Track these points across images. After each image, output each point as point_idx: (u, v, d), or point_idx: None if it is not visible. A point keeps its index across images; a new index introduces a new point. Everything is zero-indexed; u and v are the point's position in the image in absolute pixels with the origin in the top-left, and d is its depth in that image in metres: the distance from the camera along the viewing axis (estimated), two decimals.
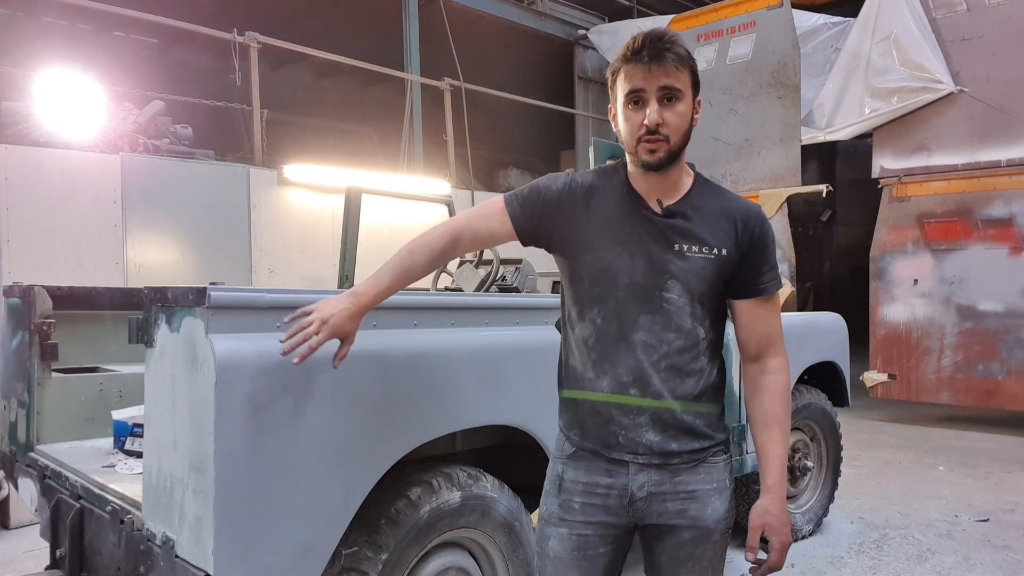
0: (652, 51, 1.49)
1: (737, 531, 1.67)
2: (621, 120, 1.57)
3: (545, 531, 1.67)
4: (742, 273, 1.60)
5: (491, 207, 1.68)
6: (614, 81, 1.58)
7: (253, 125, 6.74)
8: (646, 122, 1.51)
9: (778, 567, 1.56)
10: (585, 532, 1.62)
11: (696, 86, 1.56)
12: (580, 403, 1.64)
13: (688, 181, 1.64)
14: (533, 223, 1.65)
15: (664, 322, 1.56)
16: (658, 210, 1.59)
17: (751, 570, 1.60)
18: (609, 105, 1.63)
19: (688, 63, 1.53)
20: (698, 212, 1.59)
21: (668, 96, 1.51)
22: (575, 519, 1.62)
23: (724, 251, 1.57)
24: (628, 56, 1.52)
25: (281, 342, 1.63)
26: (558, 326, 2.01)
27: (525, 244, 1.70)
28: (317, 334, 1.59)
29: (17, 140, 5.28)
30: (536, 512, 1.82)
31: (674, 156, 1.55)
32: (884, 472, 5.72)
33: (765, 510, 1.59)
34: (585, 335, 1.61)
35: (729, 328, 1.72)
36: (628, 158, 1.63)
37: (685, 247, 1.56)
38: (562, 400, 1.70)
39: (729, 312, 1.68)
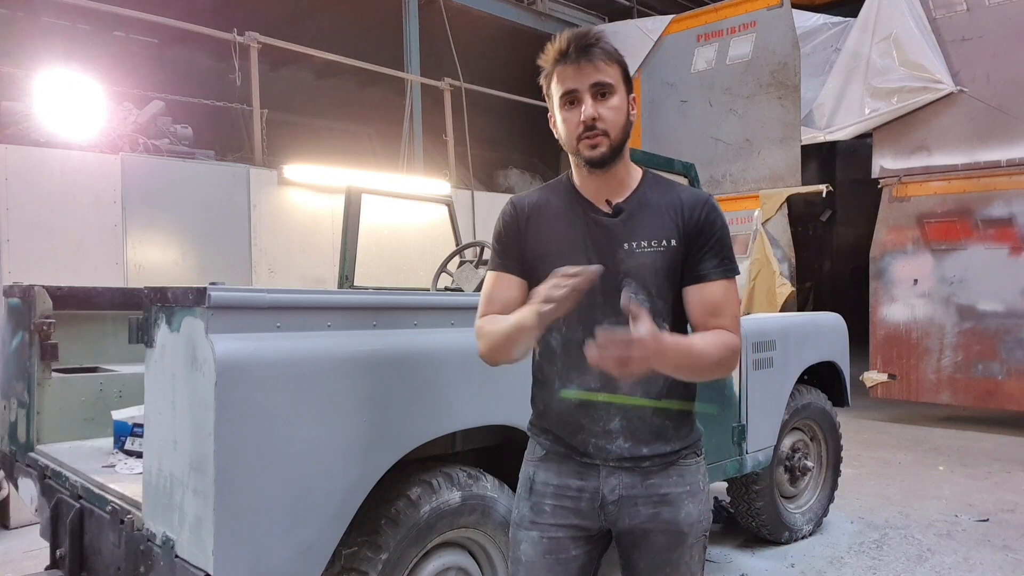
0: (578, 50, 1.51)
1: (739, 531, 1.65)
2: (559, 122, 1.58)
3: (516, 535, 1.66)
4: (688, 261, 1.58)
5: (490, 283, 1.65)
6: (548, 86, 1.59)
7: (253, 125, 6.74)
8: (582, 118, 1.52)
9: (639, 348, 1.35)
10: (556, 535, 1.61)
11: (627, 81, 1.57)
12: (550, 413, 1.63)
13: (636, 178, 1.64)
14: (515, 263, 1.63)
15: (626, 322, 1.52)
16: (607, 210, 1.59)
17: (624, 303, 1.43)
18: (548, 114, 1.63)
19: (616, 58, 1.54)
20: (646, 207, 1.60)
21: (601, 92, 1.53)
22: (546, 522, 1.61)
23: (672, 242, 1.57)
24: (557, 58, 1.54)
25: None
26: None
27: (532, 283, 1.61)
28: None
29: (17, 140, 5.28)
30: None
31: (616, 150, 1.56)
32: (884, 472, 5.72)
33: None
34: (553, 344, 1.61)
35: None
36: (572, 160, 1.63)
37: (634, 244, 1.56)
38: (534, 406, 1.70)
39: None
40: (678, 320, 1.61)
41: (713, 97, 9.35)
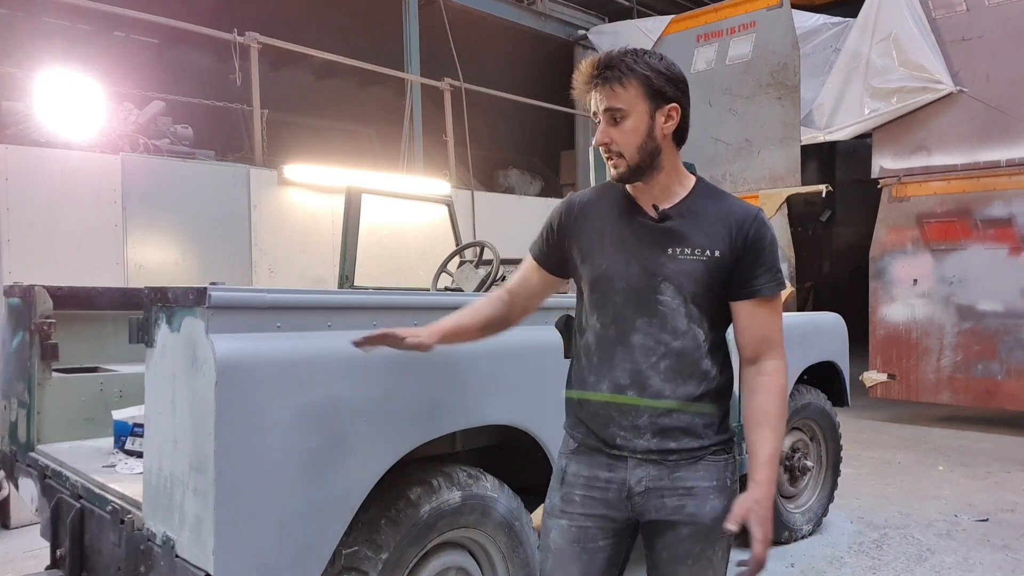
0: (595, 76, 1.60)
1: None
2: None
3: (547, 523, 1.72)
4: (737, 274, 1.62)
5: (523, 264, 1.84)
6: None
7: (253, 125, 6.74)
8: (594, 142, 1.64)
9: (763, 561, 1.52)
10: (585, 524, 1.65)
11: (654, 96, 1.59)
12: (582, 404, 1.69)
13: (687, 185, 1.68)
14: (554, 256, 1.77)
15: (660, 324, 1.60)
16: (653, 215, 1.64)
17: (738, 564, 1.57)
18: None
19: (635, 77, 1.57)
20: (693, 215, 1.63)
21: (614, 116, 1.60)
22: (575, 511, 1.67)
23: (717, 252, 1.60)
24: (585, 83, 1.63)
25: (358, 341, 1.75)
26: (558, 326, 2.02)
27: (563, 277, 1.81)
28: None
29: (17, 140, 5.27)
30: (535, 512, 1.83)
31: (636, 169, 1.62)
32: (884, 472, 5.72)
33: (754, 500, 1.56)
34: (589, 340, 1.68)
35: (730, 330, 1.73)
36: None
37: (677, 250, 1.60)
38: (567, 401, 1.76)
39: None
40: (713, 326, 1.65)
41: (713, 97, 9.34)
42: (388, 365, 2.01)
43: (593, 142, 1.66)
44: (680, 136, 1.65)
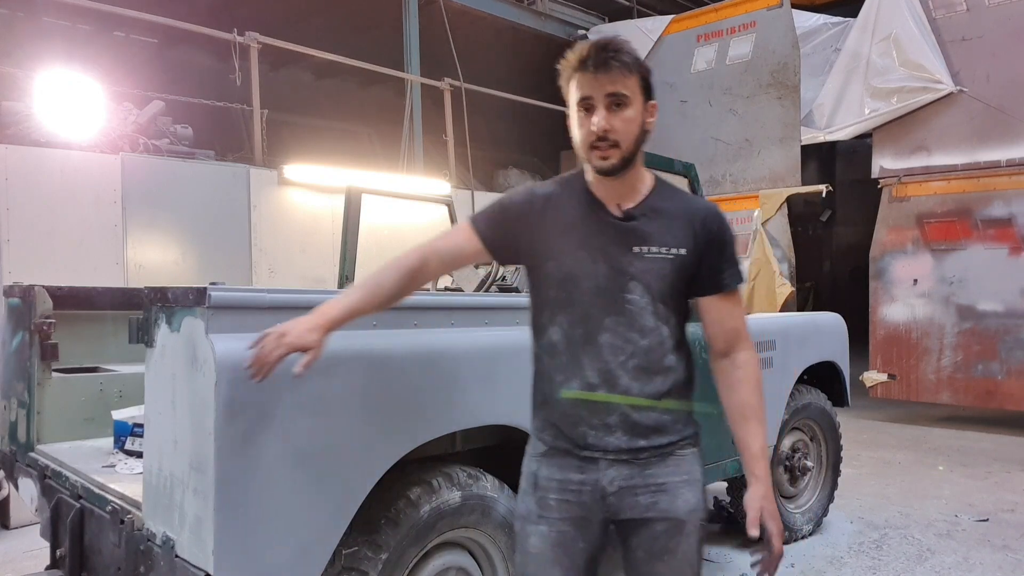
0: (598, 60, 1.53)
1: (739, 531, 1.67)
2: (574, 127, 1.61)
3: (525, 529, 1.69)
4: (703, 271, 1.64)
5: (458, 229, 1.72)
6: (567, 89, 1.61)
7: (253, 125, 6.74)
8: (593, 128, 1.55)
9: (781, 554, 1.61)
10: (563, 528, 1.65)
11: (647, 91, 1.60)
12: (550, 405, 1.67)
13: (647, 184, 1.68)
14: (499, 238, 1.69)
15: (628, 323, 1.60)
16: (618, 214, 1.63)
17: (755, 563, 1.64)
18: (568, 116, 1.65)
19: (636, 69, 1.56)
20: (657, 214, 1.64)
21: (616, 102, 1.55)
22: (552, 515, 1.65)
23: (683, 251, 1.61)
24: (577, 65, 1.56)
25: (245, 368, 1.58)
26: None
27: (498, 261, 1.78)
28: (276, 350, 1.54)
29: (17, 140, 5.27)
30: None
31: (627, 161, 1.59)
32: (884, 472, 5.72)
33: (761, 496, 1.62)
34: (554, 340, 1.65)
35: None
36: (584, 165, 1.66)
37: (644, 249, 1.60)
38: (534, 400, 1.73)
39: (695, 311, 1.71)
40: (677, 323, 1.66)
41: (713, 97, 9.34)
42: (388, 365, 2.01)
43: (586, 132, 1.56)
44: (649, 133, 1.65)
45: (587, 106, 1.56)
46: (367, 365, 1.96)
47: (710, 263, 1.64)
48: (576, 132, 1.60)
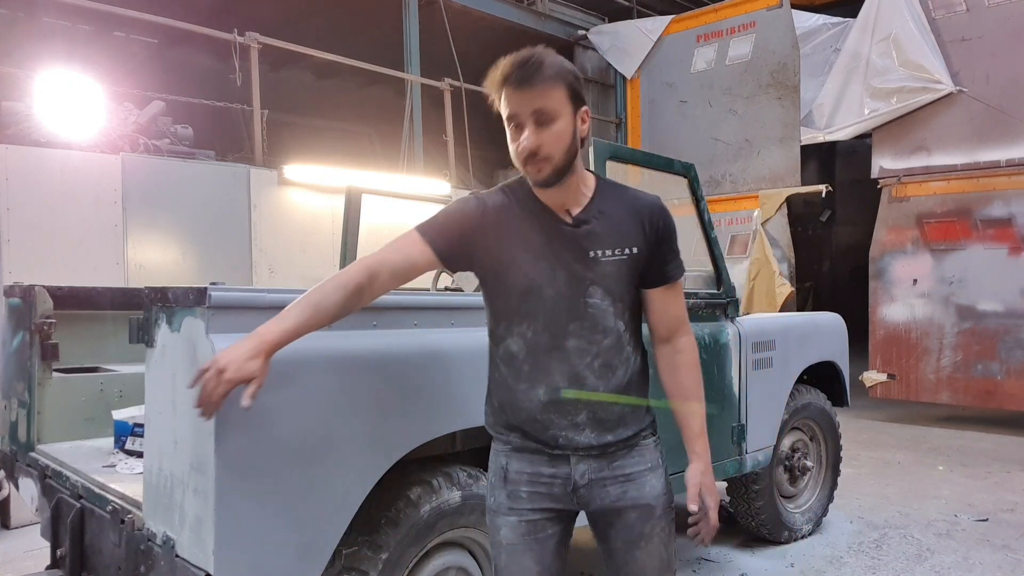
0: (520, 76, 1.52)
1: (739, 531, 1.69)
2: (509, 141, 1.61)
3: (496, 521, 1.74)
4: (652, 264, 1.69)
5: (406, 239, 1.66)
6: (497, 103, 1.60)
7: (253, 125, 6.74)
8: (522, 147, 1.56)
9: (716, 525, 1.71)
10: (533, 518, 1.71)
11: (576, 98, 1.58)
12: (517, 411, 1.69)
13: (591, 185, 1.70)
14: (453, 247, 1.66)
15: (591, 326, 1.65)
16: (569, 220, 1.65)
17: (694, 535, 1.72)
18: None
19: (561, 79, 1.55)
20: (606, 216, 1.66)
21: (542, 119, 1.54)
22: (523, 507, 1.71)
23: (635, 249, 1.66)
24: (500, 82, 1.55)
25: (194, 407, 1.51)
26: None
27: (450, 269, 1.79)
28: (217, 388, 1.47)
29: (17, 140, 5.27)
30: None
31: (561, 171, 1.59)
32: (883, 472, 5.72)
33: (701, 473, 1.71)
34: (515, 349, 1.67)
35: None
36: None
37: (599, 252, 1.64)
38: (490, 405, 1.77)
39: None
40: (632, 317, 1.72)
41: (713, 97, 9.35)
42: (388, 365, 2.02)
43: (517, 149, 1.57)
44: (586, 138, 1.66)
45: (516, 123, 1.57)
46: (367, 365, 1.96)
47: (659, 256, 1.70)
48: (510, 146, 1.61)
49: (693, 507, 1.69)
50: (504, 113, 1.58)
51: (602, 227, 1.65)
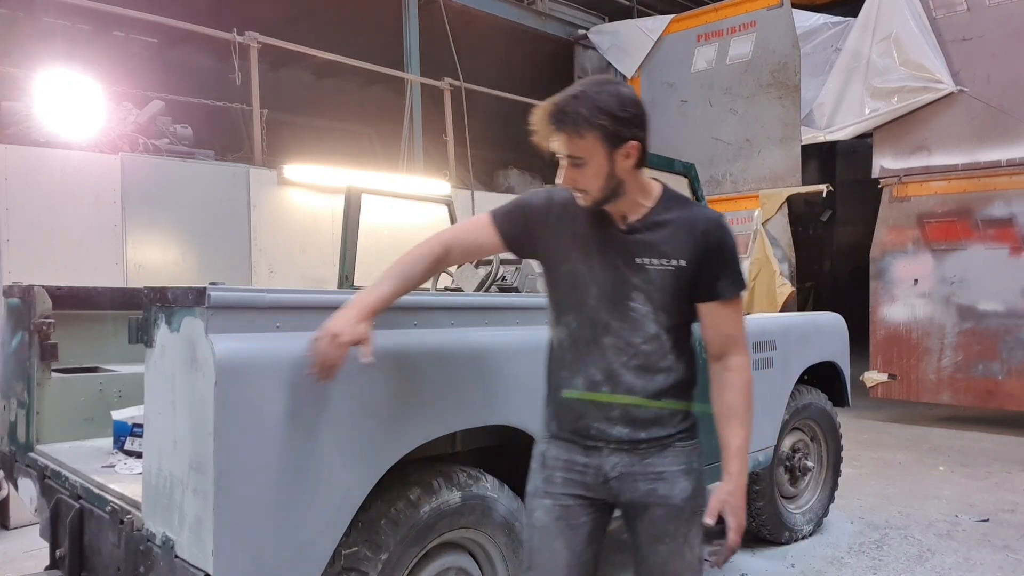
0: (554, 120, 1.61)
1: (746, 535, 1.70)
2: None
3: (531, 504, 1.82)
4: (702, 279, 1.72)
5: (479, 221, 1.85)
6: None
7: (253, 125, 6.74)
8: (561, 183, 1.68)
9: (736, 547, 1.72)
10: (567, 503, 1.77)
11: (611, 139, 1.61)
12: (557, 398, 1.80)
13: (653, 196, 1.75)
14: (518, 234, 1.83)
15: (631, 328, 1.71)
16: (623, 227, 1.73)
17: (711, 553, 1.75)
18: None
19: (593, 125, 1.58)
20: (660, 226, 1.72)
21: (574, 163, 1.64)
22: (557, 491, 1.78)
23: (683, 262, 1.70)
24: (544, 121, 1.64)
25: (307, 374, 1.71)
26: None
27: (515, 254, 1.89)
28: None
29: (17, 140, 5.27)
30: None
31: (603, 202, 1.69)
32: (884, 472, 5.72)
33: (728, 492, 1.73)
34: (562, 337, 1.79)
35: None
36: None
37: (646, 260, 1.70)
38: (546, 394, 1.86)
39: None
40: (679, 327, 1.75)
41: (713, 97, 9.34)
42: (388, 365, 2.01)
43: (561, 180, 1.68)
44: (641, 163, 1.69)
45: (559, 158, 1.67)
46: (367, 365, 1.96)
47: (709, 272, 1.71)
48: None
49: (709, 521, 1.71)
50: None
51: (653, 237, 1.71)
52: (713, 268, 1.72)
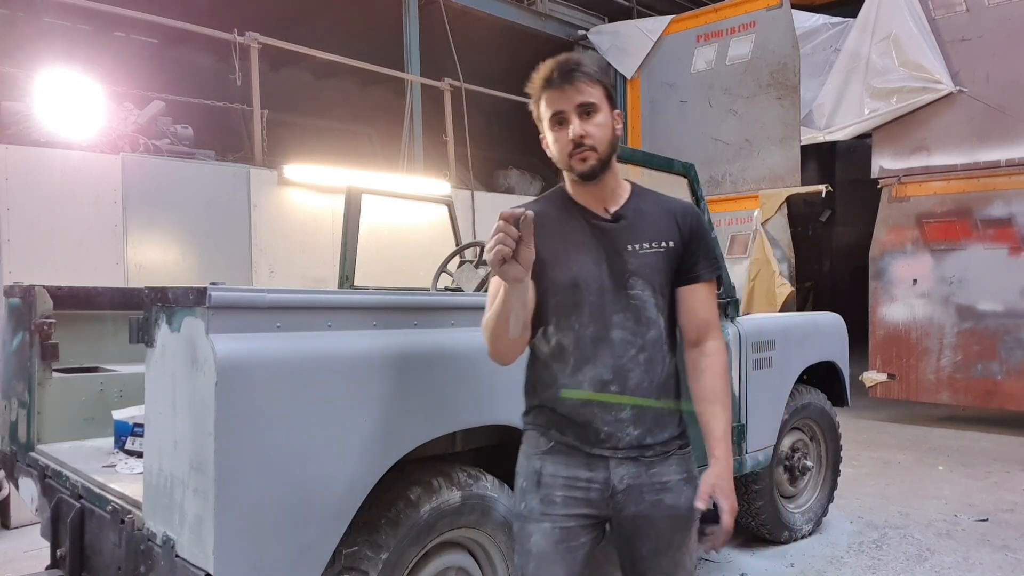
0: (562, 75, 1.64)
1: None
2: (551, 141, 1.71)
3: (526, 528, 1.73)
4: (684, 261, 1.76)
5: (494, 286, 1.66)
6: (538, 110, 1.72)
7: (253, 125, 6.74)
8: (571, 136, 1.65)
9: (731, 529, 1.68)
10: (568, 524, 1.70)
11: (611, 99, 1.71)
12: (559, 404, 1.72)
13: (626, 188, 1.80)
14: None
15: (635, 317, 1.70)
16: (606, 216, 1.74)
17: (701, 537, 1.70)
18: (541, 135, 1.75)
19: (598, 79, 1.67)
20: (641, 214, 1.76)
21: (586, 111, 1.66)
22: (558, 512, 1.70)
23: (671, 243, 1.74)
24: (543, 84, 1.67)
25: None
26: None
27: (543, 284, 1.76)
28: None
29: (17, 140, 5.27)
30: None
31: (605, 163, 1.69)
32: (884, 472, 5.72)
33: (717, 476, 1.69)
34: (565, 343, 1.71)
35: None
36: (565, 176, 1.77)
37: (636, 246, 1.72)
38: (531, 401, 1.81)
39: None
40: (670, 315, 1.77)
41: (713, 97, 9.35)
42: (388, 365, 2.02)
43: (564, 141, 1.66)
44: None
45: (560, 119, 1.67)
46: (367, 365, 1.96)
47: (690, 254, 1.76)
48: (553, 146, 1.71)
49: (700, 505, 1.68)
50: (548, 114, 1.68)
51: (639, 222, 1.74)
52: (693, 250, 1.75)
